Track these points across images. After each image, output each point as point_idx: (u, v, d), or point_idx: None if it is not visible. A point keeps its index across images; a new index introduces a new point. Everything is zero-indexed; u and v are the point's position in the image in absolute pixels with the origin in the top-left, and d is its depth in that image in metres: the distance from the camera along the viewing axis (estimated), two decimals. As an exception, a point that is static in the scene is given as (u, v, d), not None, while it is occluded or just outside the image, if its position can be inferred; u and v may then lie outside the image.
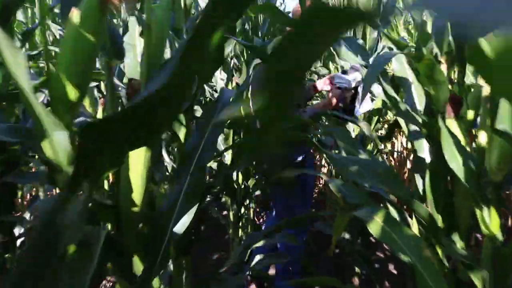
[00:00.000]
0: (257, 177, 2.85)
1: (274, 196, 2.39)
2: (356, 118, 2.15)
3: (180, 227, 0.87)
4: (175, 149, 1.71)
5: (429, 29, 1.11)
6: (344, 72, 2.01)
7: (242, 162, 1.28)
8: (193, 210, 0.91)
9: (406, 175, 4.05)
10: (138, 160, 0.70)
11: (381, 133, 2.09)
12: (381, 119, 2.16)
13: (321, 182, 4.78)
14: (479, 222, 0.84)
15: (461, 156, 0.83)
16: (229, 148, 1.22)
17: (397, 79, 1.33)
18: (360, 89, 1.95)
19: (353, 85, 1.94)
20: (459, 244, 0.99)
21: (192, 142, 0.97)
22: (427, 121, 0.96)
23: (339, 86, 1.97)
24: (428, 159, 1.15)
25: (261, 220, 3.74)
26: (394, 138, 4.07)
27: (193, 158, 0.94)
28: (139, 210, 0.75)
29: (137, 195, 0.73)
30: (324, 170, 4.67)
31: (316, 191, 4.81)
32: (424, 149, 1.16)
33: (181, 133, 1.12)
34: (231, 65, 2.21)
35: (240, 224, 2.72)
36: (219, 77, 2.29)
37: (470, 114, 0.95)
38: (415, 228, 1.10)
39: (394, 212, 1.21)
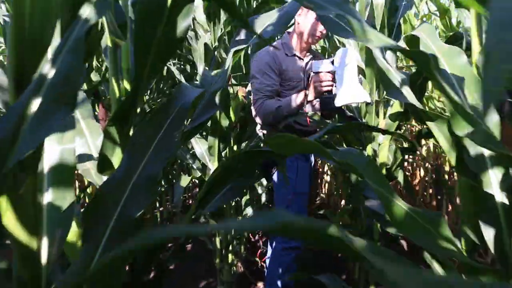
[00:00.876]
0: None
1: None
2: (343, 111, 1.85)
3: None
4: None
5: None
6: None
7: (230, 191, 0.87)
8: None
9: (418, 187, 3.66)
10: None
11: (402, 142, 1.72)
12: (404, 126, 1.75)
13: (323, 192, 4.37)
14: None
15: None
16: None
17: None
18: (338, 76, 1.69)
19: (327, 68, 1.71)
20: None
21: (117, 172, 0.56)
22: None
23: (313, 71, 1.77)
24: (500, 197, 0.74)
25: (256, 237, 3.33)
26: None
27: (116, 203, 0.54)
28: None
29: None
30: (327, 178, 4.26)
31: (318, 200, 4.41)
32: (491, 183, 0.75)
33: (115, 157, 0.71)
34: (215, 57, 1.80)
35: (231, 247, 2.31)
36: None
37: None
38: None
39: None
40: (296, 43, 2.00)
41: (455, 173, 3.89)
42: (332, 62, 1.74)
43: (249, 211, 2.33)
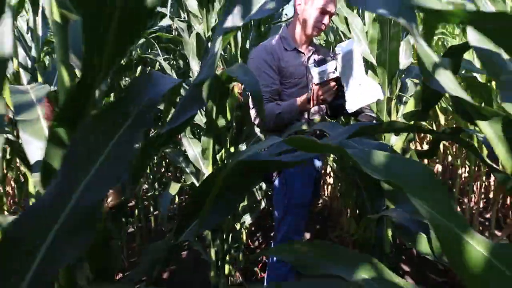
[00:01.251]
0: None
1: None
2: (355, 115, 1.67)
3: None
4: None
5: None
6: (322, 61, 1.60)
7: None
8: None
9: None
10: None
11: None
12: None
13: (326, 194, 4.19)
14: None
15: None
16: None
17: (480, 57, 0.75)
18: (344, 80, 1.53)
19: (331, 76, 1.56)
20: None
21: (40, 202, 0.38)
22: None
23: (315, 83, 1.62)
24: None
25: (256, 243, 3.15)
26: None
27: (36, 248, 0.36)
28: None
29: None
30: (330, 180, 4.08)
31: (320, 203, 4.23)
32: None
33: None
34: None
35: (228, 257, 2.13)
36: (196, 69, 1.70)
37: None
38: None
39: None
40: (296, 36, 1.80)
41: (463, 175, 3.72)
42: (335, 68, 1.56)
43: (246, 218, 2.15)
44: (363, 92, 1.49)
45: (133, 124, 0.46)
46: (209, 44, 1.56)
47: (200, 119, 1.74)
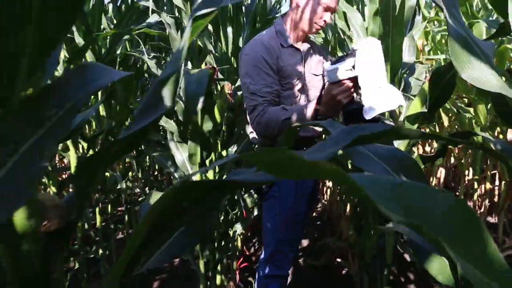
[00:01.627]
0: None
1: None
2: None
3: None
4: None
5: None
6: (338, 59, 1.40)
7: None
8: None
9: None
10: None
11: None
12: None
13: (325, 198, 4.06)
14: None
15: None
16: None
17: None
18: (363, 81, 1.32)
19: (347, 75, 1.35)
20: None
21: None
22: None
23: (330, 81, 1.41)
24: None
25: (252, 250, 3.02)
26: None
27: None
28: None
29: None
30: (329, 183, 3.95)
31: (319, 207, 4.10)
32: None
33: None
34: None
35: (220, 267, 2.01)
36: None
37: None
38: None
39: None
40: (292, 31, 1.61)
41: (467, 178, 3.59)
42: (353, 66, 1.35)
43: (238, 227, 2.03)
44: (383, 96, 1.29)
45: (49, 132, 0.33)
46: (196, 39, 1.44)
47: (188, 121, 1.62)
